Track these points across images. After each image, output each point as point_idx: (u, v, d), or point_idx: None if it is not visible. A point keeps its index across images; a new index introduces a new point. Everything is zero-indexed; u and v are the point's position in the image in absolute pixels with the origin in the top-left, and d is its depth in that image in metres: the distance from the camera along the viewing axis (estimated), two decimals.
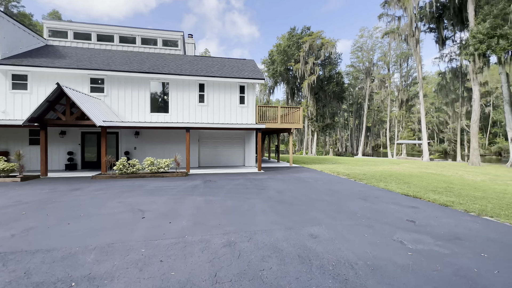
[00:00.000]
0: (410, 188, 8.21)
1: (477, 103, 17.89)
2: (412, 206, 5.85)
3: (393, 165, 17.73)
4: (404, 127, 48.73)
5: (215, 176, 10.60)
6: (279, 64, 36.29)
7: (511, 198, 7.01)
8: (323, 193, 7.23)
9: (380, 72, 40.56)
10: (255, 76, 14.44)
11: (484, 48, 15.26)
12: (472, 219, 4.89)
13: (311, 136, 40.83)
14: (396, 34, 26.16)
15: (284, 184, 8.61)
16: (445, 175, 11.95)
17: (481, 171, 14.12)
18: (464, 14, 20.17)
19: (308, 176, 10.87)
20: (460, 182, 9.79)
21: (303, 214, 5.04)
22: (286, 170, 13.00)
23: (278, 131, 18.05)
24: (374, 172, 12.78)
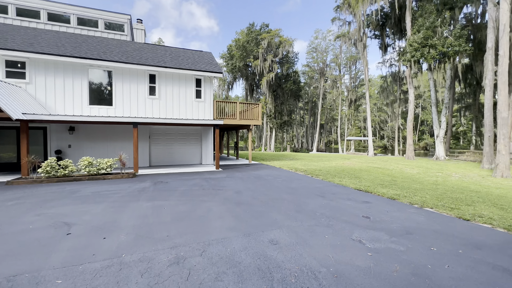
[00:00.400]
0: (361, 182, 8.68)
1: (412, 104, 20.35)
2: (365, 201, 6.08)
3: (344, 160, 18.98)
4: (353, 125, 53.21)
5: (168, 176, 9.66)
6: (238, 59, 35.74)
7: (442, 189, 7.91)
8: (282, 191, 7.09)
9: (333, 73, 43.35)
10: (212, 69, 13.68)
11: (419, 56, 17.35)
12: (417, 212, 5.25)
13: (269, 132, 41.51)
14: (347, 38, 28.07)
15: (243, 183, 8.25)
16: (388, 169, 13.16)
17: (416, 165, 16.03)
18: (403, 24, 22.62)
19: (267, 173, 10.74)
20: (401, 175, 10.82)
21: (262, 217, 4.74)
22: (245, 168, 12.69)
23: (237, 127, 17.63)
24: (329, 167, 13.37)
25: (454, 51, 16.36)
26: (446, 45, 16.37)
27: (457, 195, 6.87)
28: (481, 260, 3.08)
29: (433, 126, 23.18)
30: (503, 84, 11.17)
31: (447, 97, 21.25)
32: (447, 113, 21.37)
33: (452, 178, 10.42)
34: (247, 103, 15.54)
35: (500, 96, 11.25)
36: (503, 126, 11.14)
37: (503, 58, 11.13)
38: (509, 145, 11.20)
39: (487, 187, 8.62)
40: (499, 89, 11.32)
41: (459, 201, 6.19)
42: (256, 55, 35.50)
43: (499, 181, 10.04)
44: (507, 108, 11.13)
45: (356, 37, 27.00)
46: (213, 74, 13.58)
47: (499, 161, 11.10)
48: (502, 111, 11.19)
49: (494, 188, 8.37)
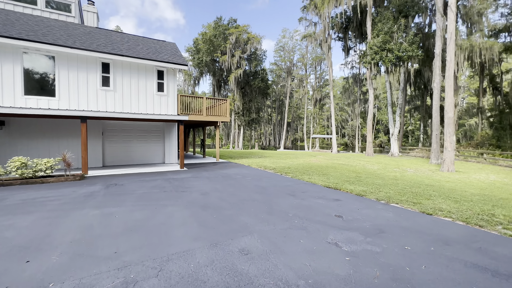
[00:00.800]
0: (329, 179, 8.76)
1: (371, 104, 21.74)
2: (336, 199, 6.02)
3: (311, 157, 19.44)
4: (318, 123, 55.48)
5: (124, 177, 8.61)
6: (204, 53, 34.37)
7: (402, 184, 8.35)
8: (252, 191, 6.72)
9: (299, 73, 44.47)
10: (176, 61, 12.68)
11: (378, 59, 18.52)
12: (385, 208, 5.31)
13: (237, 130, 40.99)
14: (313, 38, 28.86)
15: (210, 184, 7.68)
16: (352, 165, 13.71)
17: (375, 161, 17.08)
18: (364, 28, 23.97)
19: (236, 172, 10.29)
20: (364, 171, 11.29)
21: (232, 221, 4.29)
22: (213, 166, 12.06)
23: (204, 124, 16.80)
24: (297, 165, 13.44)
25: (408, 56, 17.80)
26: (401, 50, 17.73)
27: (416, 190, 7.27)
28: (453, 258, 3.07)
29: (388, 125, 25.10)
30: (449, 87, 12.37)
31: (400, 99, 23.15)
32: (400, 113, 23.30)
33: (408, 173, 11.20)
34: (214, 99, 14.83)
35: (447, 98, 12.44)
36: (449, 125, 12.35)
37: (450, 64, 12.31)
38: (454, 142, 12.47)
39: (438, 181, 9.38)
40: (446, 92, 12.51)
41: (419, 195, 6.50)
42: (224, 50, 34.58)
43: (447, 175, 11.09)
44: (453, 109, 12.37)
45: (321, 38, 27.89)
46: (177, 66, 12.59)
47: (446, 157, 12.27)
48: (448, 111, 12.40)
49: (444, 182, 9.15)
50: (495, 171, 12.87)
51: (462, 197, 6.53)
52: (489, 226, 4.29)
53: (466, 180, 9.71)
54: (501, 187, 8.44)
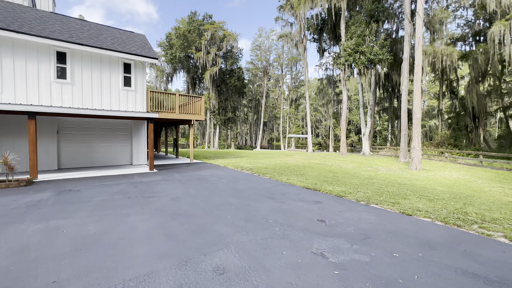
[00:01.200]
0: (308, 180, 8.59)
1: (345, 105, 22.39)
2: (316, 201, 5.78)
3: (287, 157, 19.42)
4: (293, 123, 56.35)
5: (83, 182, 7.59)
6: (178, 49, 32.86)
7: (377, 183, 8.46)
8: (229, 194, 6.24)
9: (275, 73, 44.69)
10: (145, 54, 11.69)
11: (351, 60, 19.07)
12: (366, 209, 5.18)
13: (213, 129, 39.97)
14: (289, 38, 29.04)
15: (182, 187, 7.05)
16: (328, 165, 13.83)
17: (349, 160, 17.53)
18: (338, 31, 24.62)
19: (211, 173, 9.70)
20: (340, 171, 11.37)
21: (205, 232, 3.79)
22: (186, 168, 11.31)
23: (177, 122, 15.87)
24: (274, 165, 13.20)
25: (379, 59, 18.57)
26: (373, 53, 18.43)
27: (391, 189, 7.35)
28: (442, 264, 2.91)
29: (358, 125, 26.08)
30: (417, 90, 13.01)
31: (371, 100, 24.18)
32: (371, 114, 24.34)
33: (381, 172, 11.51)
34: (188, 96, 14.02)
35: (415, 100, 13.08)
36: (417, 126, 12.99)
37: (417, 67, 12.95)
38: (420, 142, 13.15)
39: (409, 179, 9.72)
40: (415, 94, 13.15)
41: (395, 195, 6.54)
42: (199, 47, 33.40)
43: (416, 173, 11.60)
44: (421, 110, 13.03)
45: (297, 38, 28.14)
46: (146, 60, 11.61)
47: (414, 156, 12.87)
48: (416, 112, 13.04)
49: (415, 180, 9.49)
50: (456, 168, 13.83)
51: (434, 195, 6.70)
52: (466, 225, 4.31)
53: (433, 178, 10.19)
54: (464, 184, 8.94)
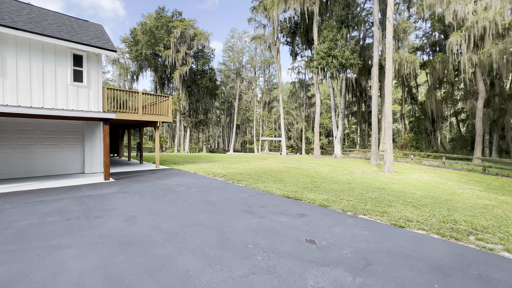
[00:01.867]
0: (287, 187, 7.96)
1: (318, 108, 22.55)
2: (300, 213, 5.10)
3: (262, 161, 18.79)
4: (267, 126, 56.32)
5: (10, 198, 6.00)
6: (144, 45, 30.55)
7: (358, 188, 8.13)
8: (198, 209, 5.28)
9: (248, 75, 44.20)
10: (101, 45, 10.14)
11: (324, 64, 19.23)
12: (355, 222, 4.63)
13: (183, 132, 37.97)
14: (262, 40, 28.72)
15: (142, 201, 5.89)
16: (304, 169, 13.44)
17: (324, 163, 17.46)
18: (310, 35, 24.89)
19: (179, 182, 8.58)
20: (318, 175, 10.99)
21: (165, 269, 2.83)
22: (150, 176, 9.98)
23: (141, 124, 14.28)
24: (249, 170, 12.42)
25: (350, 64, 18.97)
26: (344, 57, 18.77)
27: (373, 195, 7.02)
28: None
29: (328, 128, 26.55)
30: (388, 94, 13.30)
31: (342, 104, 24.78)
32: (342, 117, 24.91)
33: (357, 176, 11.38)
34: (154, 95, 12.63)
35: (386, 104, 13.35)
36: (389, 129, 13.25)
37: (388, 72, 13.25)
38: (392, 145, 13.42)
39: (386, 183, 9.63)
40: (386, 98, 13.42)
41: (379, 202, 6.17)
42: (167, 45, 31.47)
43: (389, 176, 11.70)
44: (391, 114, 13.32)
45: (270, 40, 27.92)
46: (102, 52, 10.08)
47: (386, 158, 13.06)
48: (387, 115, 13.30)
49: (392, 184, 9.41)
50: (423, 170, 14.40)
51: (416, 200, 6.48)
52: (463, 238, 3.95)
53: (407, 181, 10.27)
54: (438, 187, 9.06)
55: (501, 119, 22.46)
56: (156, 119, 12.32)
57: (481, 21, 15.41)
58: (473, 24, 15.90)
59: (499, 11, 15.07)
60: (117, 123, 14.93)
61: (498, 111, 22.20)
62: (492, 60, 15.86)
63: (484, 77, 18.36)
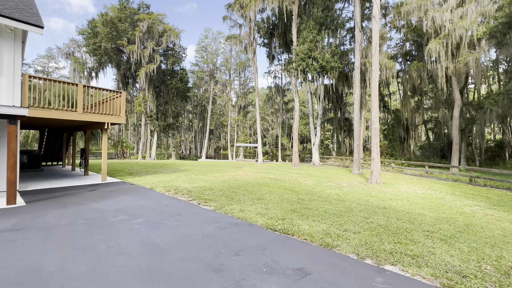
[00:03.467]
0: (269, 209, 6.09)
1: (297, 113, 21.27)
2: (298, 268, 3.22)
3: (237, 169, 16.78)
4: (242, 132, 54.42)
5: None
6: (104, 38, 26.98)
7: (357, 209, 6.55)
8: (133, 266, 3.13)
9: (223, 77, 42.13)
10: (21, 18, 7.47)
11: (304, 66, 18.07)
12: (388, 283, 2.86)
13: (150, 137, 34.45)
14: (238, 40, 27.03)
15: (37, 250, 3.55)
16: (286, 181, 11.72)
17: (305, 172, 15.96)
18: (288, 36, 23.82)
19: (122, 205, 6.22)
20: (303, 190, 9.30)
21: None
22: (85, 195, 7.41)
23: (86, 126, 11.48)
24: (222, 182, 10.34)
25: (330, 66, 18.04)
26: (325, 60, 17.78)
27: (381, 220, 5.45)
28: None
29: (305, 135, 25.48)
30: (375, 97, 12.27)
31: (320, 110, 23.89)
32: (321, 124, 23.99)
33: (346, 189, 9.94)
34: (100, 89, 10.04)
35: (373, 109, 12.30)
36: (376, 136, 12.16)
37: (375, 73, 12.25)
38: (379, 153, 12.35)
39: (382, 199, 8.24)
40: (373, 102, 12.37)
41: (396, 234, 4.57)
42: (132, 39, 28.26)
43: (379, 188, 10.44)
44: (378, 119, 12.27)
45: (246, 41, 26.35)
46: (20, 26, 7.40)
47: (373, 168, 11.89)
48: (375, 121, 12.23)
49: (389, 200, 8.04)
50: (409, 180, 13.56)
51: (434, 227, 5.08)
52: None
53: (402, 195, 9.04)
54: (440, 203, 7.88)
55: (467, 129, 23.24)
56: (103, 119, 9.74)
57: (458, 29, 15.40)
58: (451, 33, 15.88)
59: (475, 20, 15.16)
60: (55, 125, 11.91)
61: (466, 120, 22.94)
62: (468, 68, 15.91)
63: (459, 86, 18.60)
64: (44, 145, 16.70)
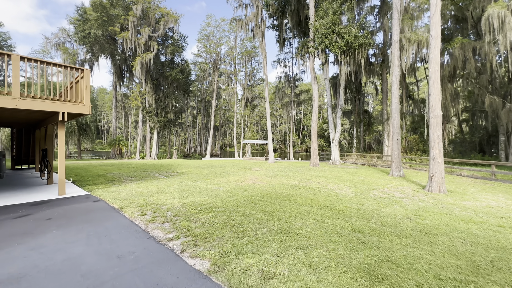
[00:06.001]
0: (316, 268, 3.03)
1: (316, 102, 17.96)
2: None
3: (245, 172, 13.72)
4: (249, 127, 51.35)
5: None
6: (94, 24, 24.19)
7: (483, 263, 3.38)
8: None
9: (227, 68, 38.94)
10: None
11: (327, 43, 14.78)
12: None
13: (150, 134, 31.76)
14: (243, 23, 23.75)
15: None
16: (313, 190, 8.58)
17: (332, 176, 12.77)
18: (303, 13, 20.45)
19: (29, 263, 3.23)
20: (349, 209, 6.16)
21: None
22: (10, 226, 4.47)
23: (43, 120, 8.59)
24: (226, 194, 7.29)
25: (359, 44, 14.69)
26: (352, 35, 14.42)
27: None
28: None
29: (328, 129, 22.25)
30: (435, 74, 8.94)
31: (341, 99, 20.52)
32: (341, 116, 20.65)
33: (407, 204, 6.75)
34: (47, 63, 7.08)
35: (433, 89, 8.97)
36: (438, 127, 8.85)
37: (435, 40, 8.90)
38: (442, 150, 9.04)
39: (480, 225, 5.04)
40: (432, 80, 9.04)
41: None
42: (125, 25, 25.35)
43: (452, 201, 7.19)
44: (440, 103, 8.94)
45: (253, 23, 23.06)
46: None
47: (434, 170, 8.64)
48: (436, 107, 8.92)
49: (500, 228, 4.82)
50: (479, 186, 10.22)
51: None
52: None
53: (498, 214, 5.78)
54: None
55: None
56: (56, 107, 6.81)
57: None
58: None
59: None
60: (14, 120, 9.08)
61: None
62: None
63: None
64: (15, 145, 14.06)
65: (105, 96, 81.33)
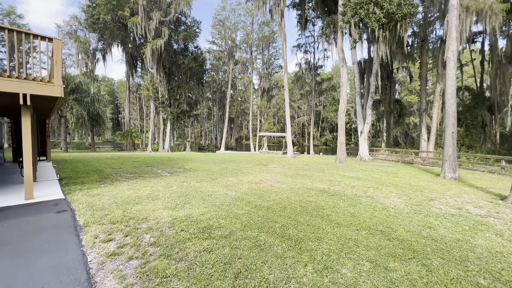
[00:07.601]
0: None
1: (345, 88, 15.48)
2: None
3: (261, 169, 11.82)
4: (266, 119, 49.27)
5: None
6: (104, 9, 23.02)
7: None
8: None
9: (243, 56, 36.74)
10: None
11: (363, 15, 12.19)
12: None
13: (163, 126, 30.73)
14: (261, 1, 21.38)
15: None
16: (349, 198, 6.49)
17: (365, 176, 10.51)
18: None
19: None
20: (415, 236, 4.06)
21: None
22: None
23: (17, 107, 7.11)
24: (235, 202, 5.43)
25: (402, 15, 11.97)
26: (393, 3, 11.70)
27: None
28: None
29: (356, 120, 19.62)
30: None
31: (373, 87, 17.78)
32: (372, 105, 18.00)
33: (501, 230, 4.48)
34: (5, 29, 5.48)
35: None
36: None
37: None
38: None
39: None
40: None
41: None
42: (135, 9, 23.92)
43: None
44: None
45: (272, 1, 20.62)
46: None
47: None
48: None
49: None
50: None
51: None
52: None
53: None
54: None
55: None
56: (15, 88, 5.23)
57: None
58: None
59: None
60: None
61: None
62: None
63: None
64: (14, 136, 13.19)
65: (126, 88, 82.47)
